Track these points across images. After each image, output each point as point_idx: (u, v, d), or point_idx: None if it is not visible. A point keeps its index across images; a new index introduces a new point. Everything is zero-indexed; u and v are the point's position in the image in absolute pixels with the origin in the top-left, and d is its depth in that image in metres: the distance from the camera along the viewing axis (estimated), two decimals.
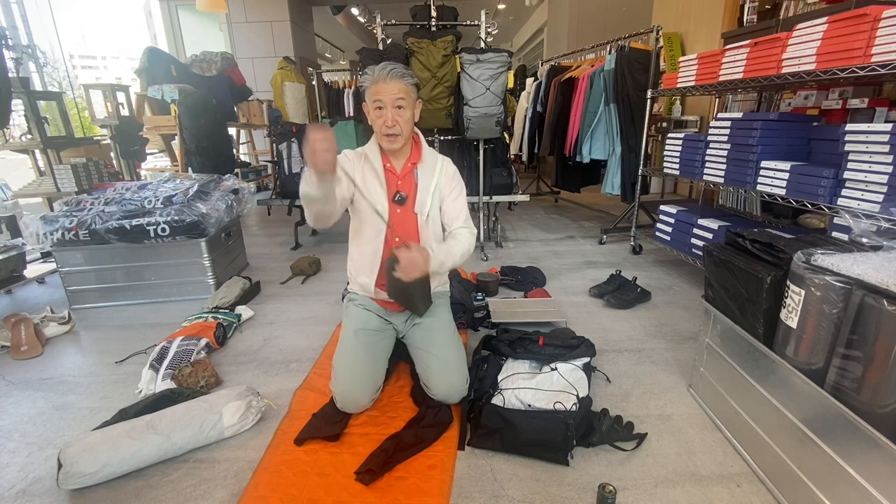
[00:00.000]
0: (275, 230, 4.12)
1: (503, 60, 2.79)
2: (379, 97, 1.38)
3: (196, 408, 1.36)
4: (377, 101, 1.39)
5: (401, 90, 1.38)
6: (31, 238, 2.30)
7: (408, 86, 1.40)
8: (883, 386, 0.85)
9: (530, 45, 11.14)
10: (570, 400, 1.34)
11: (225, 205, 2.64)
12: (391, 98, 1.37)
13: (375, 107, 1.41)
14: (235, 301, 2.34)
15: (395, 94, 1.37)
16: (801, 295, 1.02)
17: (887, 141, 1.53)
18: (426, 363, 1.49)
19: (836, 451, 0.94)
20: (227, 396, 1.41)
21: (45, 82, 5.87)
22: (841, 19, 1.62)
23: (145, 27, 12.26)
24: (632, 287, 2.33)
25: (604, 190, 3.50)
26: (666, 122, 4.72)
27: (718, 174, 2.30)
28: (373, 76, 1.39)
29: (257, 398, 1.47)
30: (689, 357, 1.73)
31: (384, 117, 1.39)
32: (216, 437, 1.35)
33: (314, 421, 1.42)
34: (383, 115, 1.40)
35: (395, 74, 1.38)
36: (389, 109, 1.38)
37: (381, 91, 1.38)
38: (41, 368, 1.85)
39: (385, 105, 1.38)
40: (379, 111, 1.40)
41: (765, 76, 1.98)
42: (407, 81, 1.40)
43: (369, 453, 1.28)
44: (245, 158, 6.36)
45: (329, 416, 1.44)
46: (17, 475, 1.27)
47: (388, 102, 1.38)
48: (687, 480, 1.20)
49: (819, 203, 1.77)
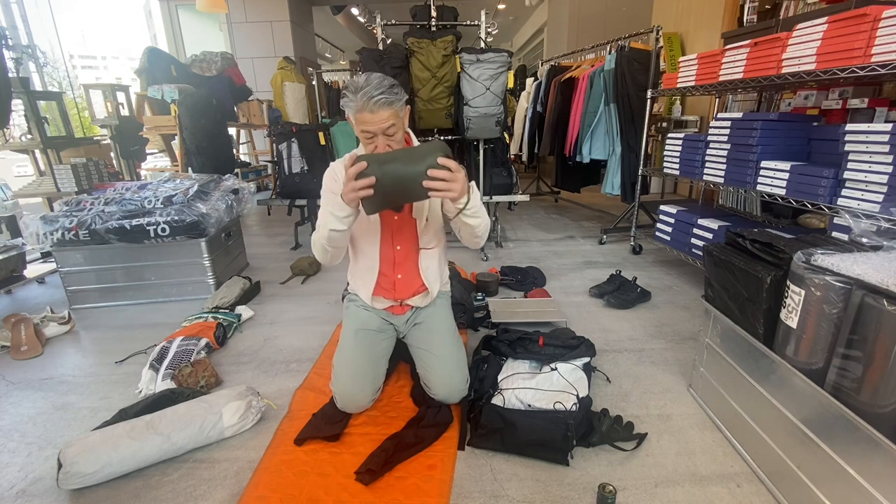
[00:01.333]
0: (275, 230, 4.12)
1: (503, 60, 2.80)
2: (367, 127, 1.26)
3: (196, 408, 1.36)
4: (365, 130, 1.27)
5: (390, 116, 1.25)
6: (31, 238, 2.30)
7: (394, 110, 1.26)
8: (883, 386, 0.85)
9: (530, 45, 11.14)
10: (570, 400, 1.34)
11: (225, 205, 2.64)
12: (380, 127, 1.25)
13: (365, 137, 1.29)
14: (235, 301, 2.34)
15: (385, 123, 1.25)
16: (801, 295, 1.02)
17: (887, 141, 1.53)
18: (427, 363, 1.49)
19: (836, 451, 0.94)
20: (227, 396, 1.41)
21: (45, 82, 5.87)
22: (841, 19, 1.62)
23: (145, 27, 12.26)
24: (632, 287, 2.33)
25: (604, 190, 3.50)
26: (666, 122, 4.72)
27: (718, 174, 2.30)
28: (355, 104, 1.23)
29: (257, 398, 1.47)
30: (689, 357, 1.73)
31: (375, 143, 1.29)
32: (216, 437, 1.36)
33: (314, 421, 1.42)
34: (374, 141, 1.29)
35: (380, 104, 1.22)
36: (380, 138, 1.27)
37: (368, 121, 1.24)
38: (41, 368, 1.85)
39: (375, 134, 1.27)
40: (369, 139, 1.29)
41: (765, 76, 1.98)
42: (395, 108, 1.26)
43: (369, 453, 1.28)
44: (245, 158, 6.36)
45: (329, 416, 1.44)
46: (17, 475, 1.27)
47: (378, 132, 1.26)
48: (687, 480, 1.20)
49: (819, 203, 1.77)
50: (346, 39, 11.63)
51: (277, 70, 5.39)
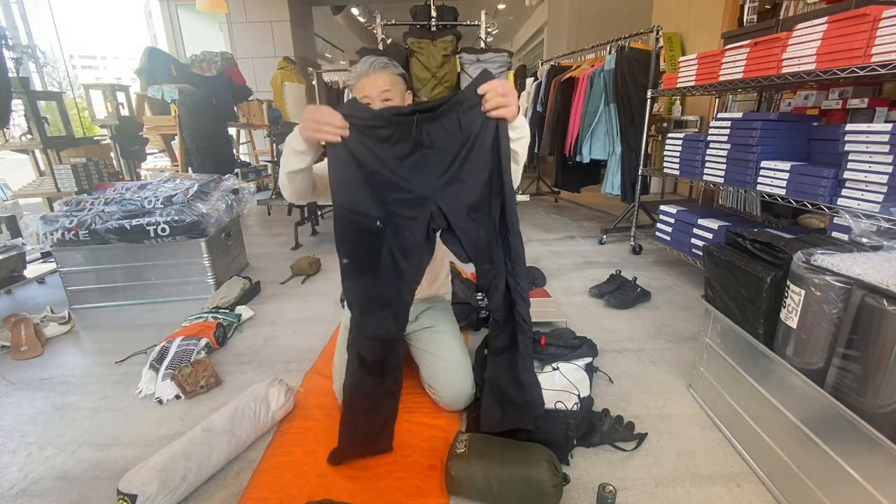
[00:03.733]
0: (275, 230, 4.12)
1: (503, 60, 2.80)
2: (365, 93, 1.31)
3: (242, 402, 1.37)
4: (363, 97, 1.31)
5: (386, 82, 1.31)
6: (31, 238, 2.30)
7: (393, 76, 1.33)
8: (883, 386, 0.85)
9: (530, 45, 11.15)
10: (572, 400, 1.34)
11: (225, 205, 2.64)
12: (377, 92, 1.30)
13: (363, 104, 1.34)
14: (235, 301, 2.34)
15: (381, 87, 1.30)
16: (801, 295, 1.02)
17: (887, 141, 1.53)
18: (434, 367, 1.47)
19: (836, 451, 0.94)
20: (262, 387, 1.43)
21: (45, 82, 5.87)
22: (841, 19, 1.62)
23: (145, 27, 12.23)
24: (632, 287, 2.33)
25: (604, 190, 3.50)
26: (666, 122, 4.72)
27: (718, 174, 2.30)
28: (357, 72, 1.33)
29: (284, 383, 1.50)
30: (689, 357, 1.73)
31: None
32: (270, 423, 1.40)
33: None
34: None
35: (377, 66, 1.31)
36: (377, 104, 1.30)
37: (365, 86, 1.31)
38: (41, 368, 1.85)
39: (372, 100, 1.31)
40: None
41: (765, 76, 1.98)
42: (391, 72, 1.33)
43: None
44: (245, 158, 6.36)
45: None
46: (17, 475, 1.27)
47: (375, 97, 1.31)
48: (687, 480, 1.20)
49: (819, 203, 1.77)
50: (346, 39, 11.63)
51: (277, 70, 5.40)
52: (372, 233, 1.15)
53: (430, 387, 1.48)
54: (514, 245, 1.16)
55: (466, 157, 1.11)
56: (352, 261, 1.17)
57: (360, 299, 1.19)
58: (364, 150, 1.11)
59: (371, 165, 1.11)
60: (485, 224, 1.15)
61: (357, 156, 1.11)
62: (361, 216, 1.14)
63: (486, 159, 1.12)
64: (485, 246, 1.16)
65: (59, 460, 1.32)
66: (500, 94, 1.06)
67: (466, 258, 1.18)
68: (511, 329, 1.22)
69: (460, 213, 1.14)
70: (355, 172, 1.11)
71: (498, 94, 1.06)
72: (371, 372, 1.23)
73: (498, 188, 1.13)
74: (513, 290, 1.18)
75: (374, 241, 1.15)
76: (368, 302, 1.18)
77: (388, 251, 1.16)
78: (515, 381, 1.23)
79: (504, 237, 1.16)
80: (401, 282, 1.17)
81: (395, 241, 1.15)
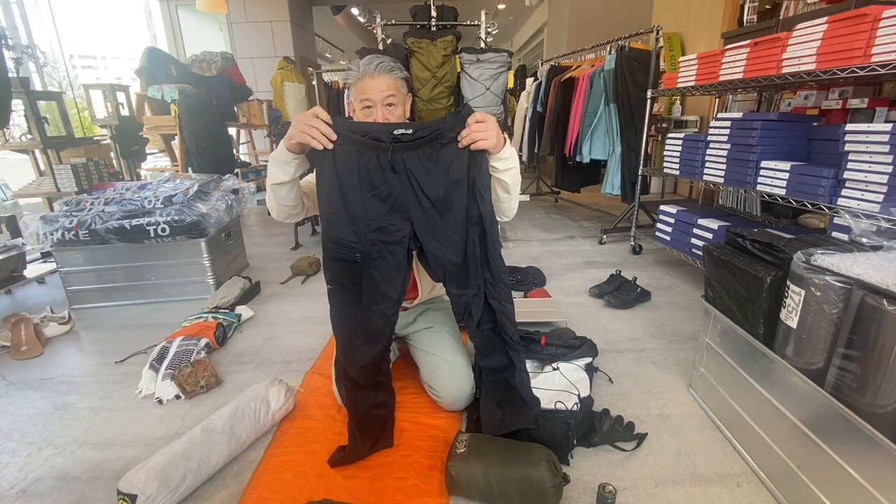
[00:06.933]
0: (275, 230, 4.12)
1: (503, 60, 2.80)
2: (367, 96, 1.25)
3: (242, 403, 1.37)
4: (365, 99, 1.26)
5: (390, 86, 1.25)
6: (31, 238, 2.30)
7: (397, 80, 1.28)
8: (883, 386, 0.85)
9: (530, 45, 11.15)
10: (572, 400, 1.34)
11: (225, 205, 2.64)
12: (380, 96, 1.24)
13: (363, 106, 1.27)
14: (235, 301, 2.34)
15: (385, 92, 1.24)
16: (801, 295, 1.02)
17: (887, 141, 1.53)
18: (434, 367, 1.46)
19: (836, 451, 0.94)
20: (262, 387, 1.43)
21: (45, 82, 5.88)
22: (841, 19, 1.62)
23: (145, 27, 12.24)
24: (632, 287, 2.33)
25: (604, 190, 3.50)
26: (666, 122, 4.72)
27: (718, 174, 2.30)
28: (358, 71, 1.25)
29: (284, 383, 1.49)
30: (689, 357, 1.73)
31: (374, 117, 1.26)
32: (270, 423, 1.39)
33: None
34: (373, 115, 1.27)
35: (382, 69, 1.24)
36: (379, 108, 1.25)
37: (368, 88, 1.24)
38: (41, 368, 1.85)
39: (374, 104, 1.25)
40: (367, 111, 1.27)
41: (765, 76, 1.98)
42: (396, 76, 1.28)
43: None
44: (245, 158, 6.36)
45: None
46: (17, 475, 1.27)
47: (378, 101, 1.25)
48: (687, 480, 1.20)
49: (819, 203, 1.77)
50: (346, 39, 11.64)
51: (277, 70, 5.40)
52: (352, 262, 1.20)
53: (430, 387, 1.48)
54: (497, 270, 1.21)
55: (439, 187, 1.15)
56: (334, 288, 1.23)
57: (344, 331, 1.25)
58: (348, 165, 1.14)
59: (352, 184, 1.14)
60: (455, 251, 1.19)
61: (340, 170, 1.14)
62: (342, 246, 1.18)
63: (460, 191, 1.15)
64: (455, 272, 1.20)
65: (59, 460, 1.32)
66: (477, 128, 1.08)
67: (437, 279, 1.23)
68: (503, 350, 1.28)
69: (428, 240, 1.19)
70: (338, 187, 1.15)
71: (472, 129, 1.09)
72: (363, 388, 1.30)
73: (476, 217, 1.17)
74: (497, 313, 1.24)
75: (355, 270, 1.21)
76: (354, 333, 1.24)
77: (369, 278, 1.20)
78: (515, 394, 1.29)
79: (485, 262, 1.21)
80: (385, 304, 1.22)
81: (376, 265, 1.20)
